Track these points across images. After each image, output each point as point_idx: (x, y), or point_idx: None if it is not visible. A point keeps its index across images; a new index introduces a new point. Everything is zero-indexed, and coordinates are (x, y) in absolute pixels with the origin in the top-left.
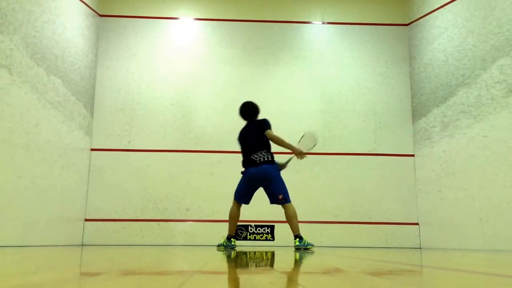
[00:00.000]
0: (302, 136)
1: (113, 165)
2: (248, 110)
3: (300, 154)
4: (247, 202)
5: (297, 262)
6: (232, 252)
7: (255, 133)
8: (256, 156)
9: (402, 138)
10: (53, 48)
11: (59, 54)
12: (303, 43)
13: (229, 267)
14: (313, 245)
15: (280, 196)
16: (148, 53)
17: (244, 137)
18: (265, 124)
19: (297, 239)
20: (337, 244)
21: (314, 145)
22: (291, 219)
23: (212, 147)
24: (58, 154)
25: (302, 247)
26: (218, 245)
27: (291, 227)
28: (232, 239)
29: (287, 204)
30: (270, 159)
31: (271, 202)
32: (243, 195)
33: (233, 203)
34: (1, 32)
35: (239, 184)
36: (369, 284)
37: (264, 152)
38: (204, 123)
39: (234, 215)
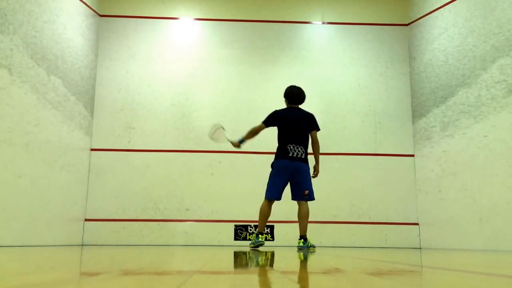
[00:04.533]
0: (214, 139)
1: (113, 165)
2: (303, 95)
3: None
4: (279, 198)
5: (297, 262)
6: (261, 256)
7: (305, 125)
8: (292, 148)
9: (402, 138)
10: (53, 48)
11: (59, 54)
12: (303, 43)
13: (230, 267)
14: (315, 246)
15: (307, 192)
16: (148, 53)
17: (291, 123)
18: (317, 124)
19: (302, 240)
20: (337, 244)
21: (221, 127)
22: (305, 217)
23: (212, 147)
24: (58, 154)
25: (305, 249)
26: (250, 244)
27: (301, 226)
28: (260, 235)
29: (305, 202)
30: (305, 157)
31: (294, 198)
32: (276, 189)
33: (264, 200)
34: (1, 32)
35: (269, 180)
36: (369, 284)
37: (304, 148)
38: (204, 123)
39: (265, 212)
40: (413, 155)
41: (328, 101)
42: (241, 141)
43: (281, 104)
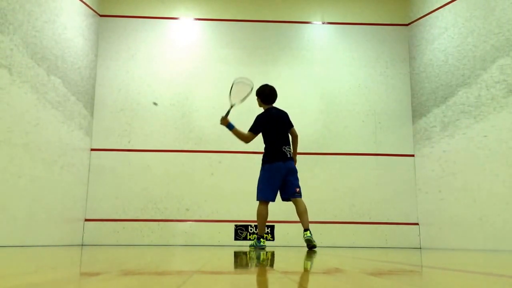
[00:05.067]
0: (231, 86)
1: (113, 165)
2: (277, 93)
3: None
4: (274, 199)
5: (297, 262)
6: (262, 253)
7: (286, 124)
8: (286, 149)
9: (402, 138)
10: (53, 48)
11: (59, 54)
12: (303, 43)
13: (229, 267)
14: (316, 246)
15: (298, 189)
16: (148, 53)
17: (278, 124)
18: (290, 120)
19: (308, 231)
20: (337, 244)
21: (251, 89)
22: (305, 212)
23: (212, 147)
24: (58, 154)
25: (312, 240)
26: (250, 246)
27: (303, 221)
28: (261, 239)
29: (300, 199)
30: (291, 155)
31: (285, 198)
32: (271, 191)
33: (260, 203)
34: (1, 32)
35: (263, 182)
36: (369, 284)
37: (290, 147)
38: (204, 123)
39: (264, 214)
40: (413, 155)
41: (328, 101)
42: (230, 128)
43: (281, 104)
